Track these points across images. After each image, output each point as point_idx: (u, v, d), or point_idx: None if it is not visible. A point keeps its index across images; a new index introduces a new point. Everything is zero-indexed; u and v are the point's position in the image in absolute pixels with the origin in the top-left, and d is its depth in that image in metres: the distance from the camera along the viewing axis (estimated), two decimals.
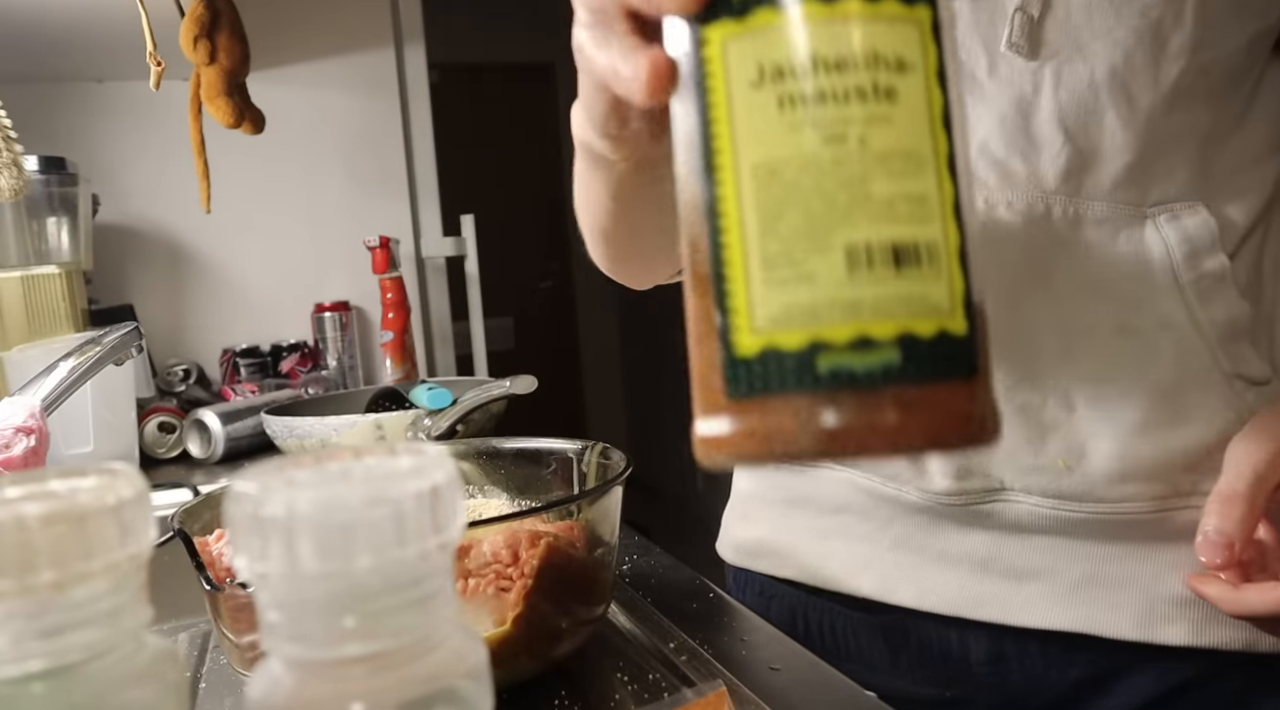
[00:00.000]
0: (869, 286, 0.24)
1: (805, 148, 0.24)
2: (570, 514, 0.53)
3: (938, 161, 0.24)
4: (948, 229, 0.24)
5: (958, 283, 0.24)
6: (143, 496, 0.23)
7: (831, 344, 0.24)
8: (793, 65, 0.24)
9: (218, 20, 1.19)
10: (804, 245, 0.24)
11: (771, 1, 0.24)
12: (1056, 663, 0.56)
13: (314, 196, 1.80)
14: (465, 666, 0.23)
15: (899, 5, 0.24)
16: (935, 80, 0.25)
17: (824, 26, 0.24)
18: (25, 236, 1.33)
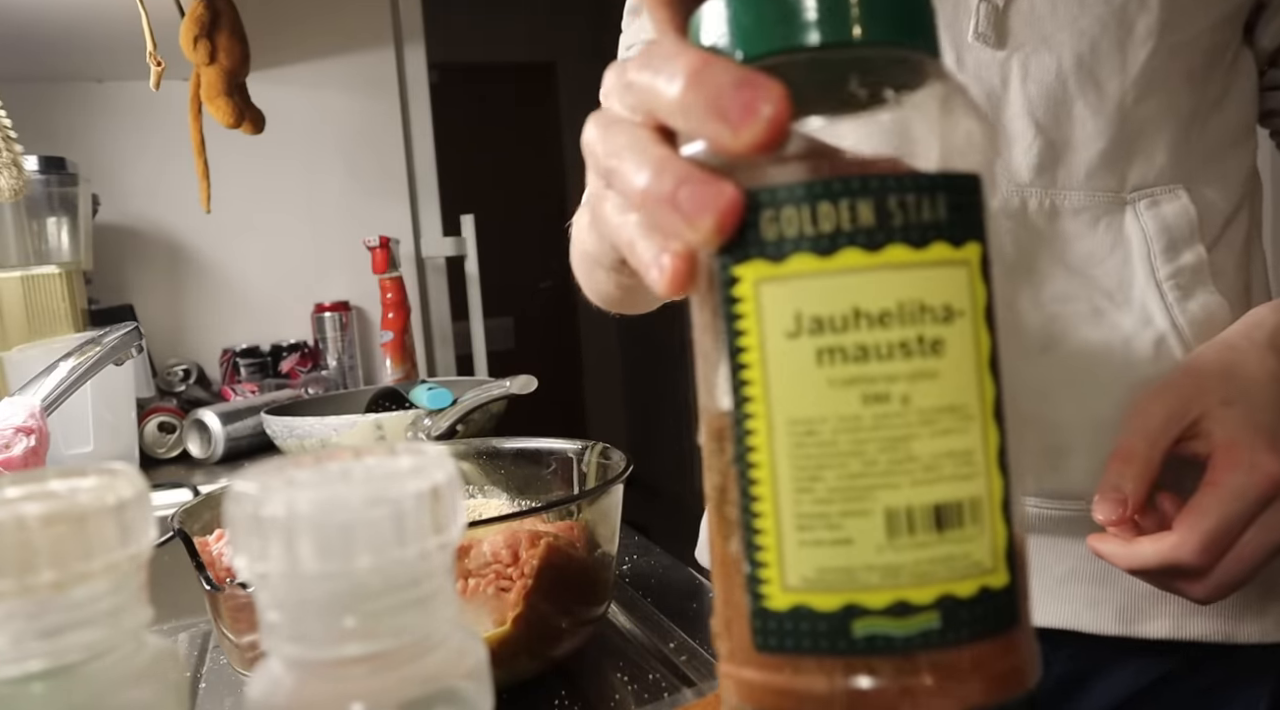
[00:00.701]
0: (909, 551, 0.23)
1: (845, 406, 0.23)
2: (570, 514, 0.53)
3: (984, 411, 0.23)
4: (992, 481, 0.23)
5: (1001, 534, 0.23)
6: (143, 496, 0.23)
7: (868, 608, 0.23)
8: (832, 317, 0.22)
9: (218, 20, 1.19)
10: (841, 507, 0.23)
11: (812, 246, 0.22)
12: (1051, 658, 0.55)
13: (314, 196, 1.80)
14: (465, 666, 0.23)
15: (947, 247, 0.23)
16: (984, 323, 0.23)
17: (867, 276, 0.22)
18: (25, 236, 1.33)
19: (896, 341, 0.22)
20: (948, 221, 0.23)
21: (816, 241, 0.22)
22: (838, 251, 0.22)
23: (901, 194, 0.22)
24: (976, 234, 0.23)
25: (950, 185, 0.23)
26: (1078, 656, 0.56)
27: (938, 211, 0.23)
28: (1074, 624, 0.55)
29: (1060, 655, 0.56)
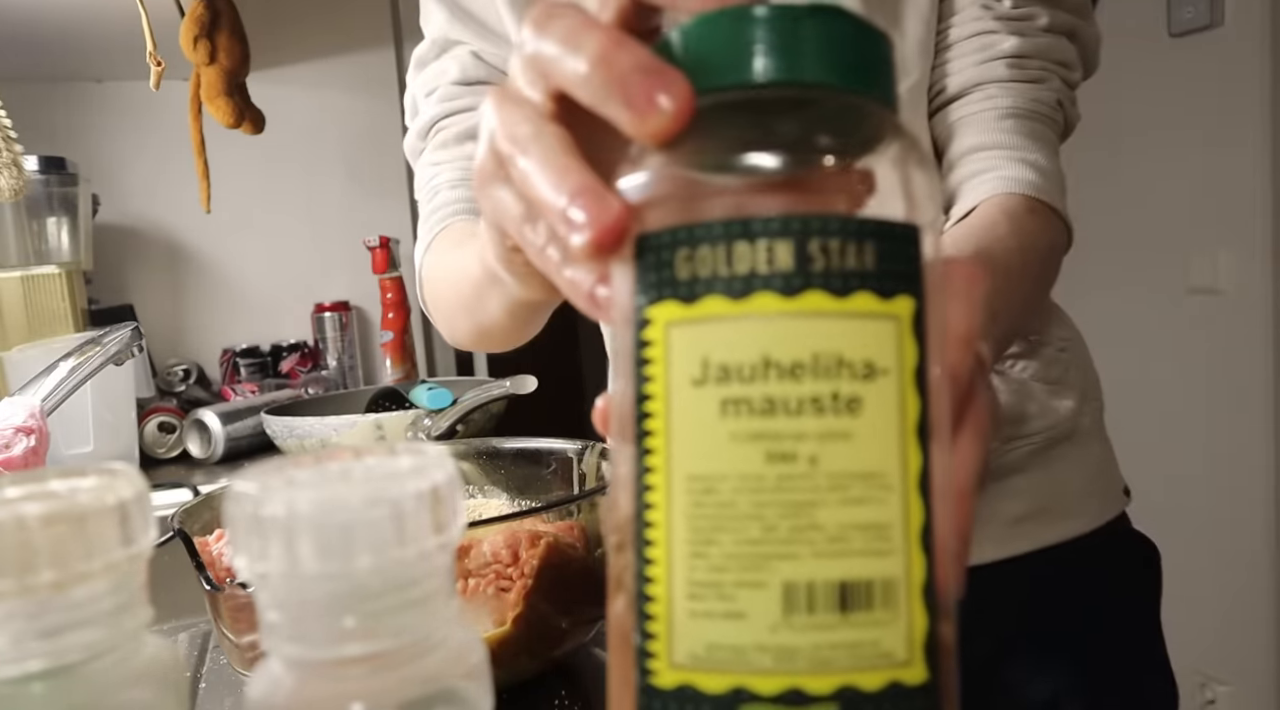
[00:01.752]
0: (807, 632, 0.20)
1: (746, 464, 0.20)
2: (570, 514, 0.53)
3: (906, 482, 0.21)
4: (911, 562, 0.21)
5: (919, 623, 0.20)
6: (143, 496, 0.23)
7: (758, 694, 0.20)
8: (741, 366, 0.20)
9: (218, 20, 1.19)
10: (736, 576, 0.20)
11: (725, 288, 0.21)
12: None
13: (314, 196, 1.80)
14: (465, 666, 0.23)
15: (873, 299, 0.21)
16: (912, 384, 0.21)
17: (780, 323, 0.20)
18: (25, 236, 1.33)
19: (808, 396, 0.20)
20: (876, 271, 0.21)
21: (730, 284, 0.21)
22: (751, 295, 0.20)
23: (825, 238, 0.20)
24: (910, 288, 0.21)
25: (882, 233, 0.21)
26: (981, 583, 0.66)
27: (865, 259, 0.21)
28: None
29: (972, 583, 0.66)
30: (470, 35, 0.68)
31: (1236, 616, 1.82)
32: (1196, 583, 1.87)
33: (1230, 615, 1.83)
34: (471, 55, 0.68)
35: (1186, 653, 1.87)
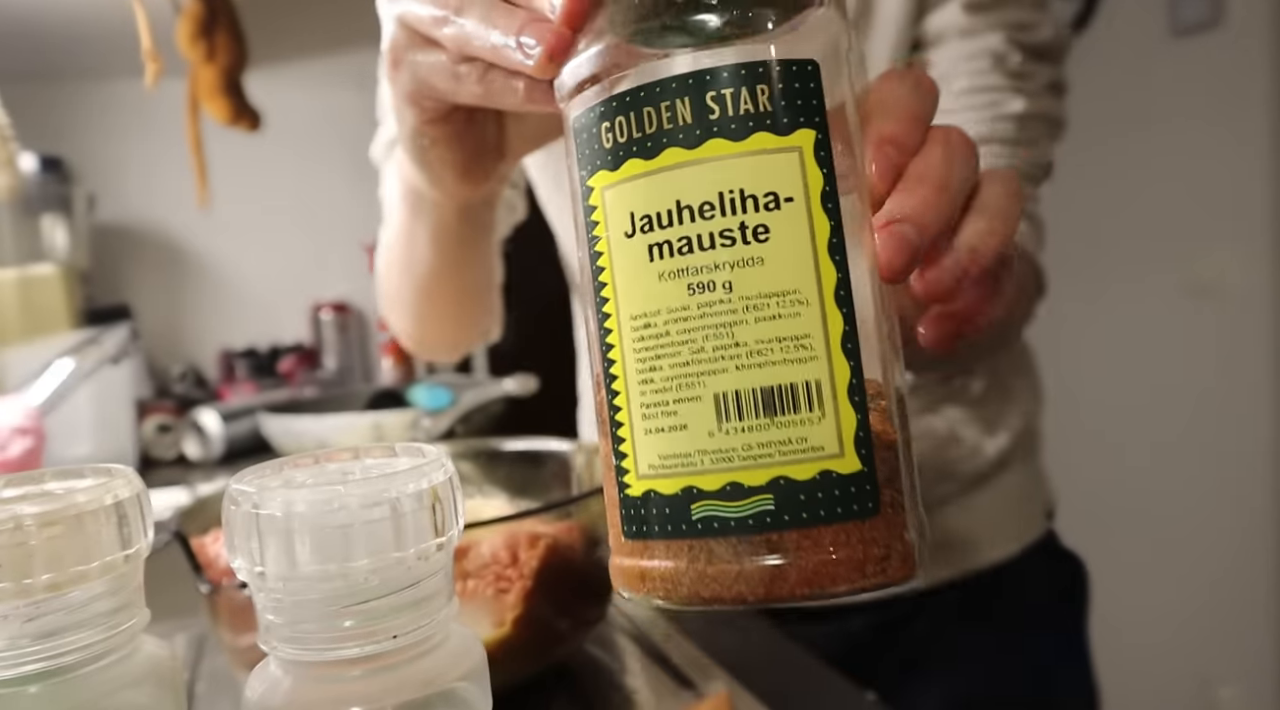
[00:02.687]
0: (739, 435, 0.23)
1: (674, 299, 0.23)
2: (569, 515, 0.53)
3: (823, 296, 0.23)
4: (835, 366, 0.23)
5: (848, 420, 0.23)
6: (140, 497, 0.23)
7: (704, 491, 0.23)
8: (659, 213, 0.24)
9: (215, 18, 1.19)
10: (676, 395, 0.24)
11: (641, 150, 0.24)
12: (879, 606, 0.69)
13: (313, 196, 1.80)
14: (464, 668, 0.23)
15: (770, 136, 0.23)
16: (820, 207, 0.23)
17: (686, 171, 0.23)
18: (22, 235, 1.33)
19: (718, 231, 0.23)
20: (771, 111, 0.23)
21: (643, 145, 0.24)
22: (660, 152, 0.24)
23: (719, 88, 0.23)
24: (810, 121, 0.23)
25: (778, 75, 0.23)
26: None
27: (759, 102, 0.23)
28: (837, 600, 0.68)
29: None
30: None
31: (1238, 617, 1.82)
32: (1197, 583, 1.87)
33: (1231, 616, 1.83)
34: None
35: (1187, 653, 1.88)
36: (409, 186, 0.47)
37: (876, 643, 0.71)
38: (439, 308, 0.64)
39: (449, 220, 0.50)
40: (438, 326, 0.67)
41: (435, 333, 0.69)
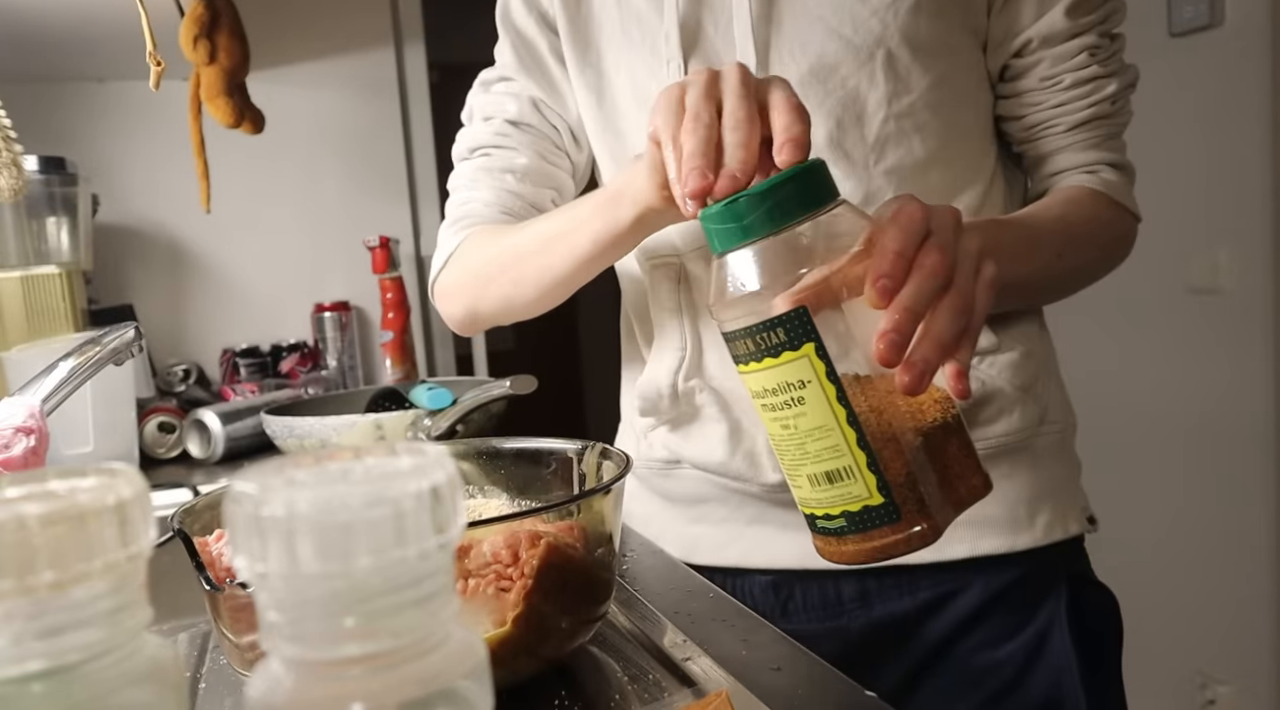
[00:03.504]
0: (822, 492, 0.46)
1: (777, 430, 0.46)
2: (570, 514, 0.53)
3: (840, 423, 0.44)
4: (855, 456, 0.44)
5: (870, 480, 0.44)
6: (143, 496, 0.23)
7: (816, 515, 0.47)
8: (761, 390, 0.46)
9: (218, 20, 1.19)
10: (795, 472, 0.47)
11: (752, 360, 0.45)
12: (907, 590, 0.72)
13: (314, 196, 1.80)
14: (465, 666, 0.23)
15: (790, 352, 0.44)
16: (826, 380, 0.44)
17: (764, 372, 0.45)
18: (25, 236, 1.33)
19: (782, 400, 0.45)
20: (787, 340, 0.44)
21: (751, 355, 0.46)
22: (751, 362, 0.46)
23: (765, 331, 0.44)
24: (808, 338, 0.44)
25: (785, 321, 0.44)
26: (939, 585, 0.72)
27: (780, 337, 0.44)
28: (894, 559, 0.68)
29: (922, 585, 0.72)
30: (533, 83, 0.80)
31: (1237, 616, 1.82)
32: (1197, 583, 1.87)
33: (1230, 615, 1.83)
34: (531, 102, 0.80)
35: (1187, 653, 1.87)
36: (615, 190, 0.62)
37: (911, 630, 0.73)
38: (557, 291, 0.72)
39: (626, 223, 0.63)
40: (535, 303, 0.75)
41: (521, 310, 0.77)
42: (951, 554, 0.70)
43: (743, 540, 0.75)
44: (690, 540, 0.77)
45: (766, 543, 0.74)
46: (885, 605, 0.73)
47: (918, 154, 0.68)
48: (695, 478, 0.75)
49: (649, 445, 0.78)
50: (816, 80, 0.66)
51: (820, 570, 0.73)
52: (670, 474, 0.78)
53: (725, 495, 0.75)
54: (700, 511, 0.77)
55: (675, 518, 0.79)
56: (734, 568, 0.76)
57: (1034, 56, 0.70)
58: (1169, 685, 1.91)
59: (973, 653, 0.72)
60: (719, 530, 0.76)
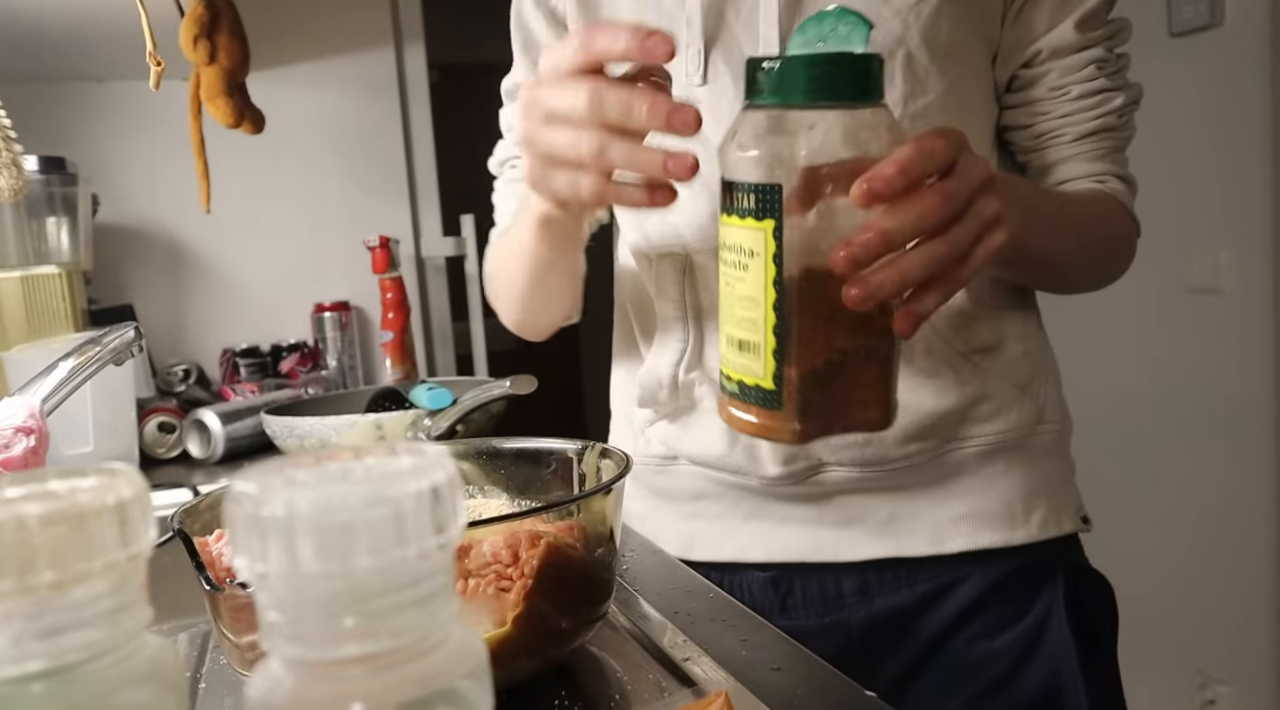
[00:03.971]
0: (732, 354, 0.48)
1: (722, 285, 0.48)
2: (570, 514, 0.53)
3: (766, 304, 0.45)
4: (767, 338, 0.46)
5: (769, 365, 0.46)
6: (143, 496, 0.23)
7: (723, 372, 0.50)
8: (725, 241, 0.47)
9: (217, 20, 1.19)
10: (722, 327, 0.49)
11: (727, 212, 0.47)
12: (906, 582, 0.73)
13: (314, 196, 1.80)
14: (465, 666, 0.23)
15: (754, 220, 0.45)
16: (771, 261, 0.44)
17: (731, 227, 0.46)
18: (25, 236, 1.33)
19: (734, 259, 0.46)
20: (754, 208, 0.45)
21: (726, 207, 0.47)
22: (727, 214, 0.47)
23: (739, 193, 0.45)
24: (772, 215, 0.44)
25: (759, 190, 0.44)
26: (936, 577, 0.73)
27: (750, 203, 0.45)
28: (896, 552, 0.72)
29: (921, 576, 0.73)
30: None
31: (1236, 616, 1.82)
32: (1197, 583, 1.87)
33: (1230, 615, 1.83)
34: None
35: (1187, 653, 1.87)
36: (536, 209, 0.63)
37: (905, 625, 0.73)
38: (545, 299, 0.78)
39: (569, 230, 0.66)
40: (543, 314, 0.81)
41: (539, 318, 0.82)
42: (950, 547, 0.71)
43: (739, 535, 0.75)
44: (686, 536, 0.78)
45: (764, 537, 0.74)
46: (885, 598, 0.73)
47: None
48: (692, 473, 0.76)
49: (645, 442, 0.79)
50: None
51: (819, 563, 0.73)
52: (666, 470, 0.78)
53: (722, 490, 0.75)
54: (696, 507, 0.77)
55: (672, 514, 0.79)
56: (731, 563, 0.76)
57: (1043, 67, 0.71)
58: (1169, 685, 1.91)
59: (971, 643, 0.73)
60: (715, 526, 0.76)
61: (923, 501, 0.72)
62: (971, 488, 0.71)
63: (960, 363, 0.69)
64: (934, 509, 0.71)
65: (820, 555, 0.73)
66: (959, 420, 0.70)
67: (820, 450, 0.70)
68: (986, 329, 0.70)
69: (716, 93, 0.68)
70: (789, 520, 0.73)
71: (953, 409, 0.69)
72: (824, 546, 0.73)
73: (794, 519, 0.74)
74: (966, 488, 0.71)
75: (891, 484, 0.71)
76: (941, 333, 0.69)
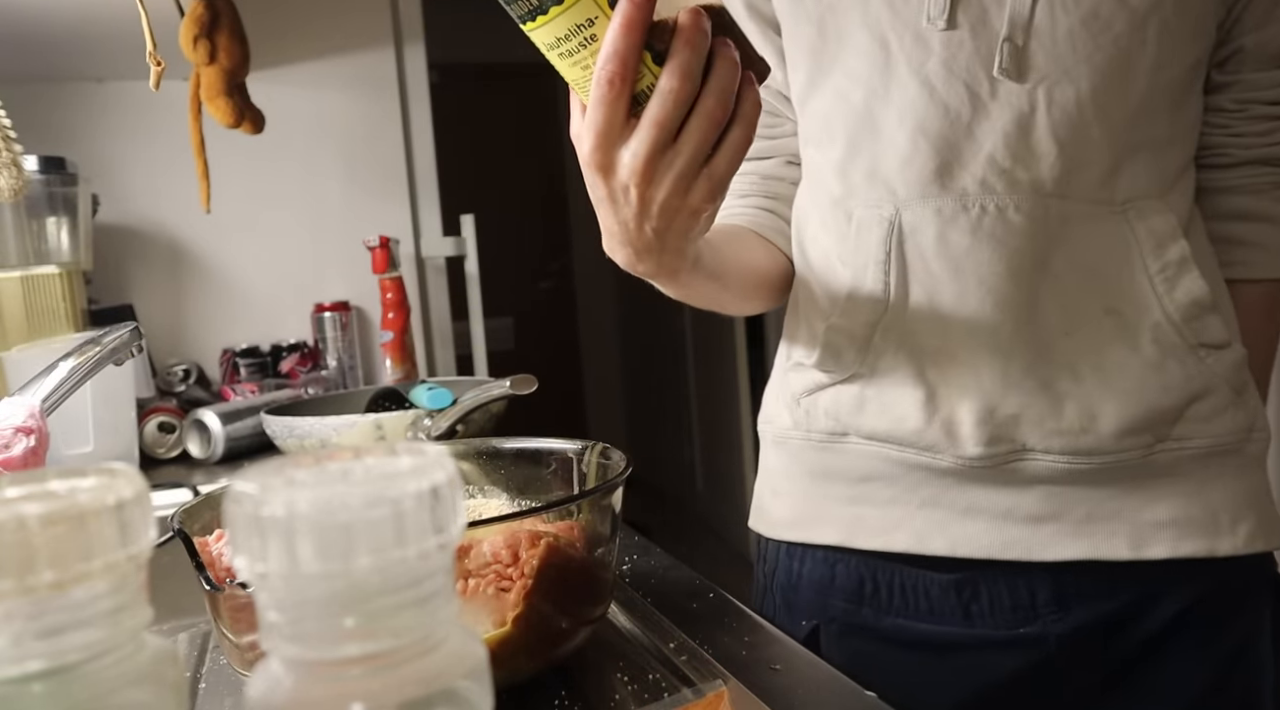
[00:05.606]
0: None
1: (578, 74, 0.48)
2: (570, 514, 0.53)
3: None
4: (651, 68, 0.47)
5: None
6: (143, 496, 0.23)
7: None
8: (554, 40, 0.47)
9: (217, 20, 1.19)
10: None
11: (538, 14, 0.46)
12: (1107, 591, 0.67)
13: (314, 196, 1.80)
14: (465, 666, 0.23)
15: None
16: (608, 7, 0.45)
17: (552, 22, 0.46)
18: (25, 236, 1.33)
19: (576, 44, 0.47)
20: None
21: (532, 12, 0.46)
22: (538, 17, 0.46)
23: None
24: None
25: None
26: (1136, 587, 0.67)
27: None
28: (1094, 554, 0.66)
29: (1120, 586, 0.67)
30: None
31: None
32: None
33: None
34: None
35: None
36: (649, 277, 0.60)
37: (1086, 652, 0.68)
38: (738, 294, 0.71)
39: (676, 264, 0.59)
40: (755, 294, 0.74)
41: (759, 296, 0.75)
42: (1151, 553, 0.65)
43: (914, 522, 0.68)
44: (850, 521, 0.71)
45: (944, 526, 0.67)
46: (1085, 608, 0.67)
47: (1162, 132, 0.65)
48: (863, 451, 0.69)
49: (806, 414, 0.71)
50: (1088, 32, 0.62)
51: (1007, 563, 0.67)
52: (831, 447, 0.71)
53: (899, 472, 0.68)
54: (863, 490, 0.70)
55: (831, 497, 0.72)
56: (904, 554, 0.69)
57: (1234, 76, 0.69)
58: None
59: (1171, 660, 0.67)
60: (886, 512, 0.69)
61: (1124, 502, 0.65)
62: (1178, 492, 0.65)
63: (1188, 355, 0.64)
64: (1136, 511, 0.65)
65: (1009, 552, 0.66)
66: (1176, 418, 0.64)
67: (1029, 435, 0.64)
68: (1219, 324, 0.65)
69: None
70: (974, 511, 0.67)
71: (1174, 405, 0.64)
72: (1014, 542, 0.66)
73: (980, 510, 0.67)
74: (1172, 491, 0.65)
75: (1094, 480, 0.65)
76: (1175, 321, 0.64)
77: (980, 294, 0.63)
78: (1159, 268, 0.64)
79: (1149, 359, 0.64)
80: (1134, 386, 0.63)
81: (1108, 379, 0.64)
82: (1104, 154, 0.63)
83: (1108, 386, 0.64)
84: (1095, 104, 0.62)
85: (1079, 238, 0.63)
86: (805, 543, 0.74)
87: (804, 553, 0.74)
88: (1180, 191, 0.67)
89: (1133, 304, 0.64)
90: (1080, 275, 0.63)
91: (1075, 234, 0.63)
